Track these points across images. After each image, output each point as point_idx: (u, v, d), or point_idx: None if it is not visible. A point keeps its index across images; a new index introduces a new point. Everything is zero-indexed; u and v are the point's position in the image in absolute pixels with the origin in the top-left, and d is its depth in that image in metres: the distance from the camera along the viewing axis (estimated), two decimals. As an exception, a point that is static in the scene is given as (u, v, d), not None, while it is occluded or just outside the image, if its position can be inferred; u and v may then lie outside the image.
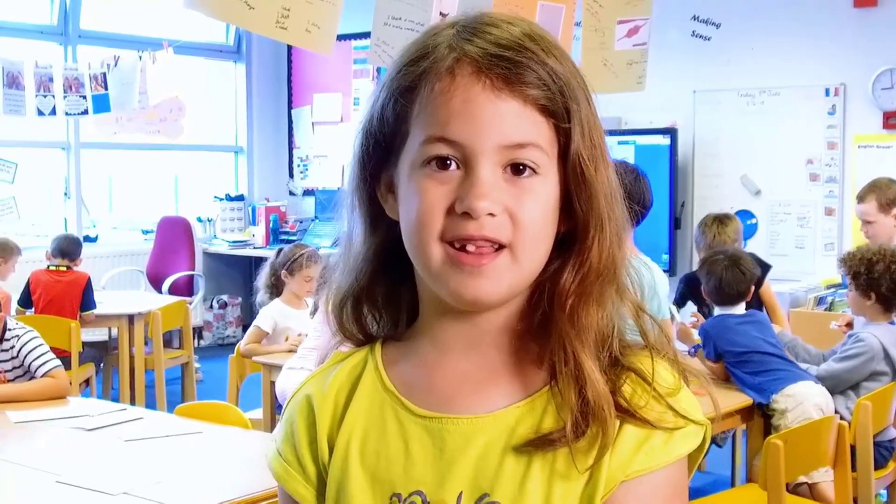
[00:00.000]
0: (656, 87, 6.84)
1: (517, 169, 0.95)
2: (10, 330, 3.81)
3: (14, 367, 3.82)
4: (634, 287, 1.03)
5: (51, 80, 6.62)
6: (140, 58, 7.02)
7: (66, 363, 5.23)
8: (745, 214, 6.92)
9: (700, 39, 7.07)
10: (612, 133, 7.24)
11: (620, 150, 7.18)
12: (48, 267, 5.95)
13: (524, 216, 0.95)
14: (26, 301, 5.78)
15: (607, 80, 5.17)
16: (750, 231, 6.90)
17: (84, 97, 6.77)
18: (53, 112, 6.71)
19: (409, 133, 0.98)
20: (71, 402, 3.75)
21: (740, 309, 4.03)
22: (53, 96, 6.66)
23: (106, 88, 6.86)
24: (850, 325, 4.26)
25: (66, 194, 8.11)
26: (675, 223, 7.02)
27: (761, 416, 3.79)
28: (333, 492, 1.02)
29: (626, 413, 0.96)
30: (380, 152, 1.01)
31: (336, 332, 1.09)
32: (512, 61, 0.94)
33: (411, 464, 0.99)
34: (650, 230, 7.07)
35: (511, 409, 0.98)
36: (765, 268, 4.76)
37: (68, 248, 6.00)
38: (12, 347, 3.80)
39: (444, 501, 0.98)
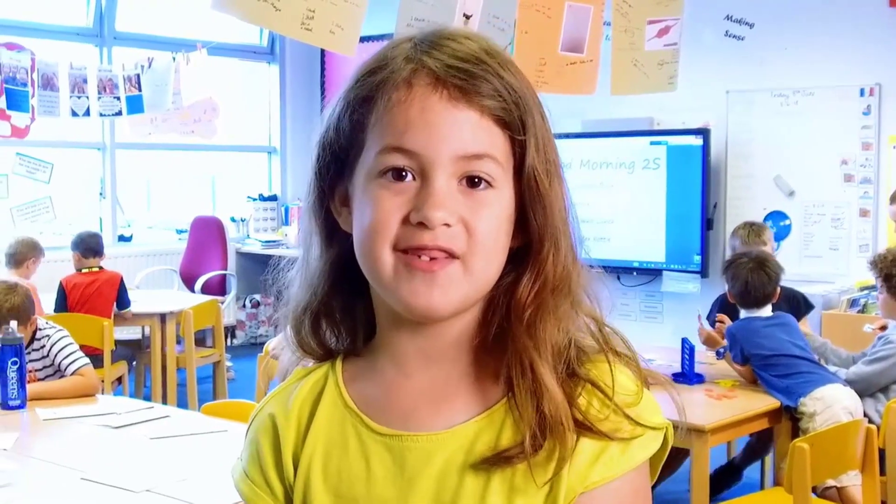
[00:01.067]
0: (689, 87, 6.81)
1: (472, 182, 0.95)
2: (40, 330, 3.86)
3: (45, 367, 3.87)
4: (592, 299, 1.02)
5: (85, 81, 6.69)
6: (174, 59, 7.08)
7: (99, 361, 5.29)
8: (779, 216, 6.87)
9: (733, 39, 7.01)
10: (644, 133, 7.22)
11: (652, 151, 7.15)
12: (79, 270, 5.99)
13: (479, 228, 0.95)
14: (62, 307, 5.81)
15: (638, 80, 5.15)
16: (783, 232, 6.85)
17: (118, 98, 6.84)
18: (87, 113, 6.78)
19: (364, 143, 0.98)
20: (99, 399, 3.79)
21: (767, 311, 4.00)
22: (88, 97, 6.73)
23: (139, 90, 6.92)
24: (884, 327, 4.22)
25: (101, 194, 8.19)
26: (708, 224, 6.97)
27: (789, 420, 3.77)
28: None
29: (582, 426, 0.95)
30: (336, 164, 1.01)
31: (296, 348, 1.08)
32: (469, 73, 0.95)
33: (373, 482, 0.99)
34: (681, 231, 7.04)
35: (469, 425, 0.98)
36: (808, 306, 4.70)
37: (96, 245, 6.05)
38: (42, 347, 3.85)
39: None
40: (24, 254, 5.97)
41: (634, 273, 7.39)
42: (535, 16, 4.66)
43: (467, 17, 4.19)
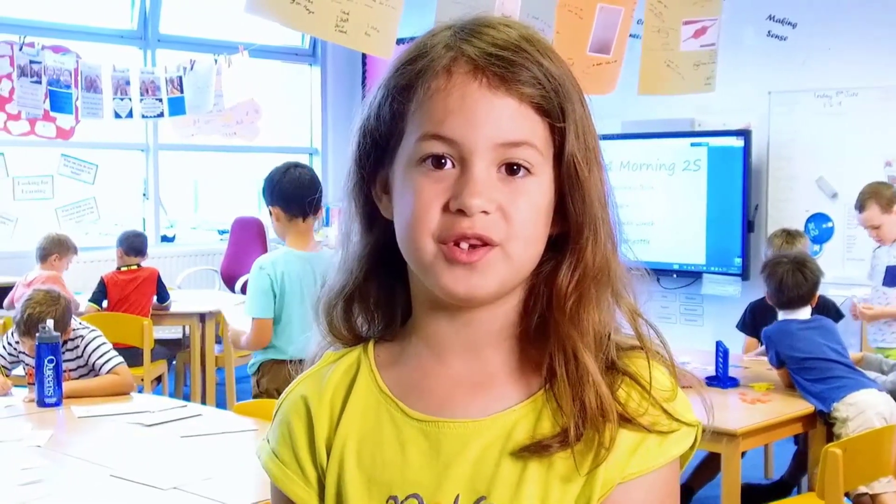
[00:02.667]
0: (731, 88, 6.76)
1: (511, 169, 0.96)
2: (74, 330, 3.92)
3: (79, 367, 3.92)
4: (630, 291, 1.03)
5: (128, 83, 6.77)
6: (215, 61, 7.15)
7: (139, 359, 5.36)
8: (821, 218, 6.79)
9: (776, 39, 6.94)
10: (685, 135, 7.16)
11: (693, 153, 7.10)
12: (119, 268, 6.08)
13: (517, 215, 0.95)
14: (99, 300, 5.90)
15: (671, 81, 5.11)
16: (826, 235, 6.77)
17: (160, 100, 6.91)
18: (130, 115, 6.86)
19: (405, 131, 0.98)
20: (134, 398, 3.84)
21: (804, 314, 3.95)
22: (130, 99, 6.81)
23: (181, 91, 6.99)
24: None
25: (144, 195, 8.29)
26: (749, 226, 6.90)
27: (824, 425, 3.72)
28: (332, 494, 1.03)
29: (622, 418, 0.96)
30: (376, 151, 1.02)
31: (326, 333, 1.09)
32: (508, 60, 0.95)
33: (408, 467, 0.99)
34: (722, 234, 6.98)
35: (508, 413, 0.98)
36: (838, 315, 4.64)
37: (140, 245, 6.15)
38: (77, 347, 3.91)
39: None
40: (49, 249, 6.08)
41: (674, 275, 7.33)
42: (568, 16, 4.64)
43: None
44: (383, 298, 1.07)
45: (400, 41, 4.03)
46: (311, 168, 4.62)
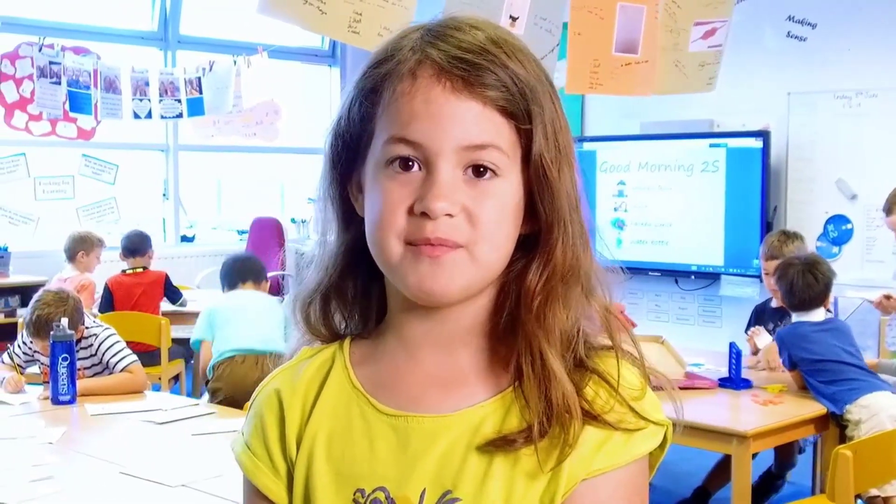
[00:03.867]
0: (750, 89, 6.75)
1: (478, 171, 0.96)
2: (88, 328, 3.94)
3: (93, 365, 3.95)
4: (604, 289, 1.03)
5: (147, 84, 6.81)
6: (235, 62, 7.18)
7: (156, 358, 5.39)
8: (840, 219, 6.75)
9: (795, 40, 6.91)
10: (704, 136, 7.14)
11: (711, 154, 7.08)
12: (123, 271, 6.11)
13: (483, 217, 0.96)
14: (108, 306, 5.92)
15: (677, 80, 5.08)
16: (845, 237, 6.73)
17: (179, 101, 6.95)
18: (149, 115, 6.91)
19: (374, 133, 1.00)
20: (147, 396, 3.86)
21: (818, 315, 3.93)
22: (149, 100, 6.86)
23: (200, 92, 7.03)
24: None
25: (164, 195, 8.34)
26: (767, 228, 6.85)
27: (837, 427, 3.70)
28: (300, 487, 1.04)
29: (588, 415, 0.97)
30: (348, 152, 1.03)
31: (304, 330, 1.10)
32: (473, 64, 0.95)
33: (376, 460, 1.01)
34: (741, 235, 6.95)
35: (476, 408, 0.99)
36: None
37: (136, 246, 6.12)
38: (91, 345, 3.93)
39: (408, 497, 0.99)
40: (74, 248, 6.13)
41: (693, 277, 7.32)
42: (587, 17, 4.63)
43: (513, 19, 4.19)
44: (359, 296, 1.08)
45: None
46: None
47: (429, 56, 0.96)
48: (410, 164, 0.96)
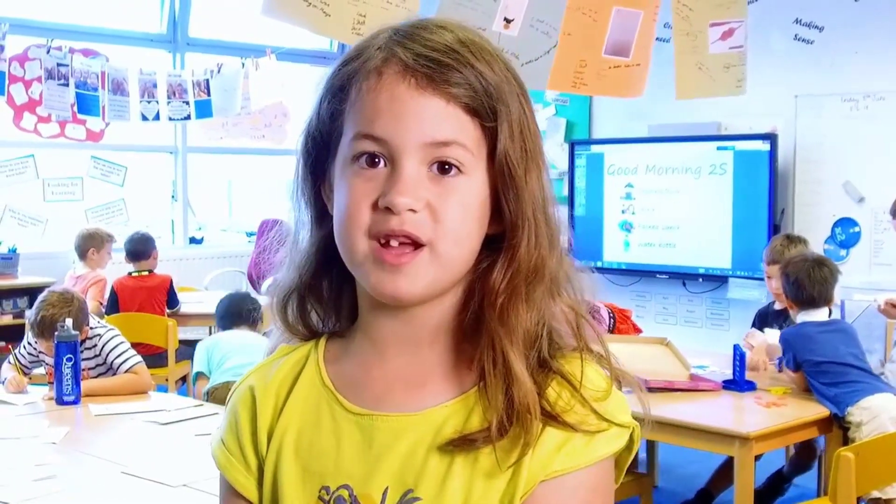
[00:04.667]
0: (757, 91, 6.71)
1: (443, 168, 0.97)
2: (92, 329, 3.96)
3: (97, 365, 3.97)
4: (571, 289, 1.04)
5: (154, 86, 6.84)
6: (243, 65, 7.20)
7: (163, 360, 5.41)
8: (848, 222, 6.74)
9: (802, 43, 6.90)
10: (711, 138, 7.14)
11: (719, 156, 7.07)
12: (129, 273, 6.13)
13: (446, 214, 0.96)
14: (113, 308, 5.94)
15: (704, 83, 5.09)
16: (853, 239, 6.72)
17: (187, 103, 6.98)
18: (157, 117, 6.93)
19: (342, 131, 1.01)
20: (152, 396, 3.88)
21: (822, 315, 3.92)
22: (157, 102, 6.88)
23: (209, 94, 7.05)
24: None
25: (173, 197, 8.36)
26: (775, 230, 6.84)
27: (840, 429, 3.70)
28: (269, 483, 1.05)
29: (549, 416, 0.97)
30: (319, 151, 1.05)
31: (283, 329, 1.11)
32: (438, 62, 0.96)
33: (341, 458, 1.02)
34: (748, 238, 6.94)
35: (440, 408, 1.00)
36: None
37: (137, 250, 6.14)
38: (95, 346, 3.95)
39: (370, 495, 1.00)
40: (84, 246, 6.18)
41: (700, 279, 7.31)
42: (580, 18, 4.63)
43: (508, 21, 4.19)
44: (334, 295, 1.09)
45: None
46: None
47: (395, 54, 0.98)
48: (377, 160, 0.97)
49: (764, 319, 4.79)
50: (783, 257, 4.46)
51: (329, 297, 1.09)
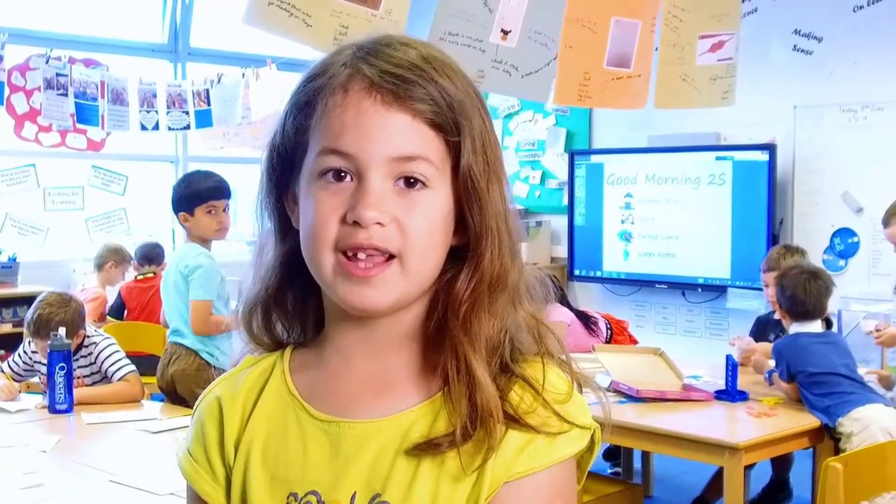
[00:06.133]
0: (756, 102, 6.73)
1: (408, 182, 0.99)
2: (88, 337, 3.98)
3: (92, 373, 3.99)
4: (532, 298, 1.06)
5: (154, 96, 6.86)
6: (243, 75, 7.22)
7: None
8: (847, 233, 6.73)
9: (801, 53, 6.90)
10: (710, 149, 7.14)
11: (718, 167, 7.08)
12: (136, 277, 6.18)
13: (413, 227, 0.99)
14: (118, 312, 5.99)
15: (688, 95, 5.09)
16: (851, 250, 6.72)
17: (186, 113, 7.00)
18: (156, 127, 6.95)
19: (307, 146, 1.03)
20: (144, 405, 3.89)
21: (816, 327, 3.93)
22: (157, 112, 6.90)
23: (209, 104, 7.07)
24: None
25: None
26: (774, 241, 6.84)
27: (831, 439, 3.70)
28: (237, 492, 1.07)
29: (512, 419, 0.99)
30: (284, 165, 1.06)
31: (248, 340, 1.13)
32: (402, 78, 0.98)
33: (309, 465, 1.03)
34: (747, 248, 6.95)
35: (406, 414, 1.02)
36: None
37: (152, 254, 6.26)
38: (90, 354, 3.97)
39: (339, 501, 1.02)
40: (106, 258, 6.28)
41: (699, 289, 7.31)
42: (580, 30, 4.64)
43: (505, 33, 4.19)
44: (299, 307, 1.11)
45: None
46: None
47: (360, 71, 1.00)
48: (343, 175, 0.99)
49: (764, 327, 4.79)
50: (779, 266, 4.47)
51: (294, 308, 1.11)
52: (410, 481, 0.99)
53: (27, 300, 6.67)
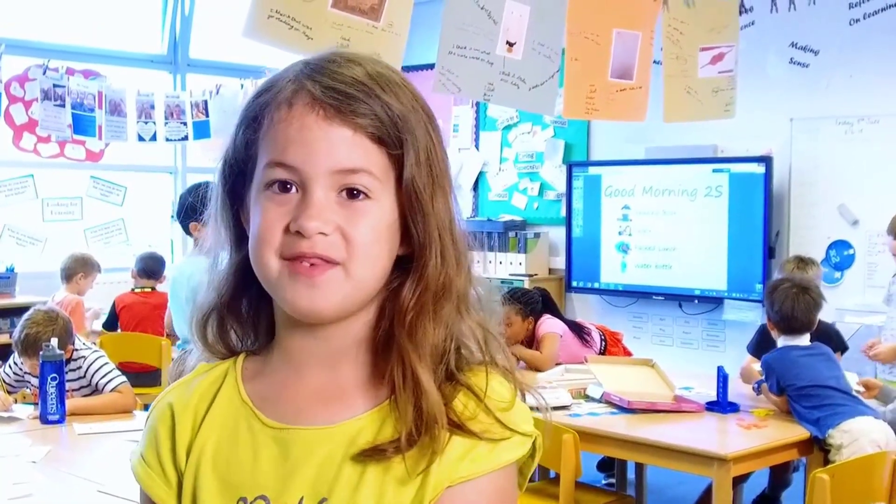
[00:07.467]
0: (752, 114, 6.74)
1: (351, 193, 1.02)
2: (77, 350, 3.99)
3: (82, 387, 4.00)
4: (479, 307, 1.09)
5: (152, 107, 6.89)
6: (242, 86, 7.26)
7: (156, 379, 5.44)
8: (843, 245, 6.74)
9: (798, 66, 6.92)
10: (707, 161, 7.15)
11: (714, 179, 7.09)
12: (133, 289, 6.17)
13: (356, 236, 1.02)
14: (112, 324, 5.98)
15: (691, 107, 5.11)
16: (847, 262, 6.72)
17: (184, 123, 7.03)
18: (154, 138, 6.98)
19: (256, 158, 1.06)
20: (136, 416, 3.90)
21: (804, 340, 3.94)
22: (154, 122, 6.93)
23: (207, 115, 7.10)
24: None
25: (172, 217, 8.39)
26: (770, 253, 6.86)
27: (821, 451, 3.71)
28: (188, 496, 1.09)
29: (455, 425, 1.02)
30: (235, 177, 1.09)
31: (202, 348, 1.15)
32: (345, 94, 1.02)
33: (258, 470, 1.06)
34: (743, 260, 6.96)
35: (354, 421, 1.05)
36: (842, 345, 4.63)
37: (153, 268, 6.23)
38: (79, 367, 3.98)
39: None
40: (73, 269, 6.21)
41: (696, 301, 7.31)
42: (584, 42, 4.65)
43: (510, 45, 4.21)
44: (252, 315, 1.13)
45: (408, 69, 4.04)
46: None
47: (304, 86, 1.03)
48: (288, 186, 1.03)
49: (767, 335, 4.79)
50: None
51: (247, 316, 1.13)
52: (356, 485, 1.02)
53: (25, 311, 6.67)
